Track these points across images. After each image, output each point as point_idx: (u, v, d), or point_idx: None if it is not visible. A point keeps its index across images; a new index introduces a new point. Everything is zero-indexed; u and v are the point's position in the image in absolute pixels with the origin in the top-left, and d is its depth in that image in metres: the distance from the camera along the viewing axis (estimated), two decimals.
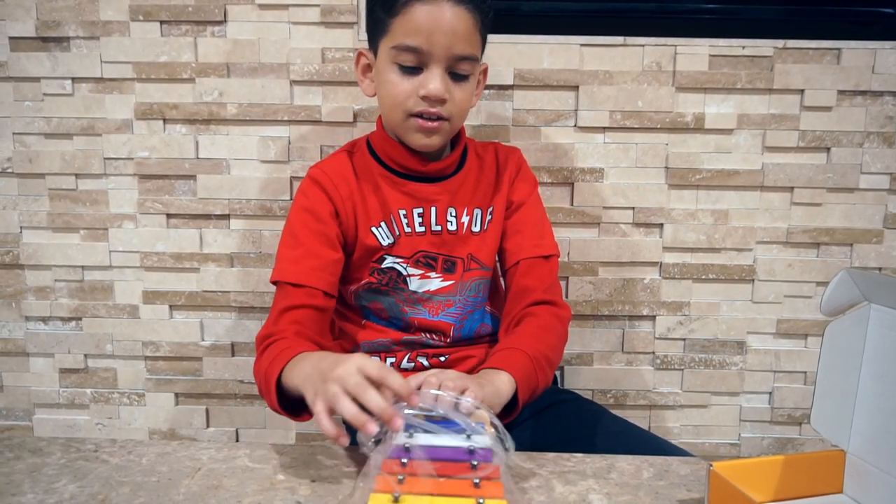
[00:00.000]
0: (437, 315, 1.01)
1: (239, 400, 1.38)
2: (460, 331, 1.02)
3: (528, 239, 1.03)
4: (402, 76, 0.91)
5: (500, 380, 0.80)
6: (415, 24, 0.87)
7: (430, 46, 0.88)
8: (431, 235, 0.99)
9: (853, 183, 1.29)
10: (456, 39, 0.89)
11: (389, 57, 0.91)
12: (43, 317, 1.36)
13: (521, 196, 1.05)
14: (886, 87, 1.26)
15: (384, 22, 0.90)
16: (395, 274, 0.99)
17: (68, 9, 1.25)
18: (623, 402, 1.37)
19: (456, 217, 1.00)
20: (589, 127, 1.29)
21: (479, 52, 0.94)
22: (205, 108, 1.28)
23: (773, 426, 1.38)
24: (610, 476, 0.74)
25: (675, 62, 1.27)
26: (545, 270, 1.01)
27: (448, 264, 1.00)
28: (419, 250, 0.99)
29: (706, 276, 1.33)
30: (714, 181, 1.30)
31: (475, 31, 0.91)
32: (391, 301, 1.00)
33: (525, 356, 0.86)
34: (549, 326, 0.95)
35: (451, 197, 1.00)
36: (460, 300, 1.02)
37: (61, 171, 1.30)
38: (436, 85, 0.89)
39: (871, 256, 1.31)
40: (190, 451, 0.78)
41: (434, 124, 0.92)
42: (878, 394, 0.67)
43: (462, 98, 0.93)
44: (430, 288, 1.00)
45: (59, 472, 0.72)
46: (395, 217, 0.98)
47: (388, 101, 0.93)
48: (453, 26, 0.88)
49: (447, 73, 0.91)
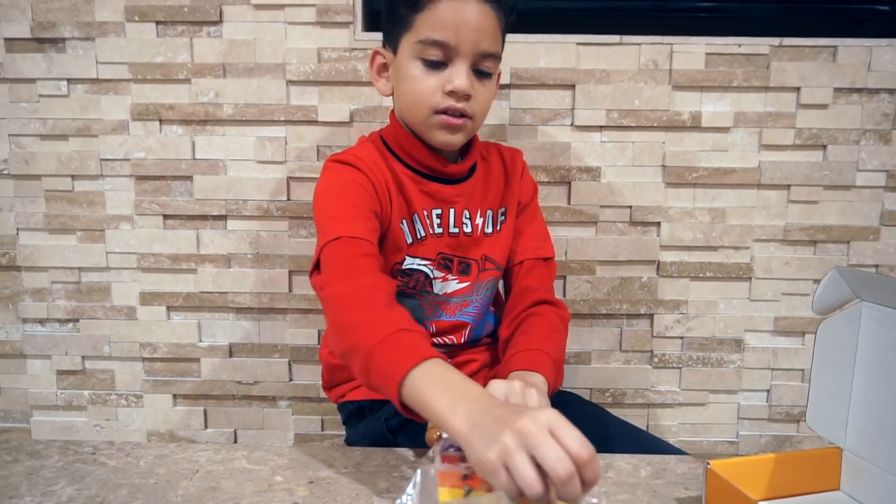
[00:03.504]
0: (455, 315, 1.00)
1: (237, 401, 1.38)
2: (475, 331, 1.03)
3: (532, 240, 1.04)
4: (426, 72, 0.89)
5: (537, 381, 0.81)
6: (441, 19, 0.87)
7: (458, 41, 0.87)
8: (448, 237, 0.98)
9: (850, 180, 1.29)
10: (482, 35, 0.88)
11: (413, 52, 0.89)
12: (40, 318, 1.36)
13: (526, 197, 1.06)
14: (882, 84, 1.26)
15: (407, 18, 0.89)
16: (422, 276, 0.97)
17: (64, 10, 1.25)
18: (621, 400, 1.37)
19: (470, 219, 0.99)
20: (586, 126, 1.29)
21: (500, 50, 0.94)
22: (201, 109, 1.28)
23: (770, 424, 1.38)
24: (608, 475, 0.74)
25: (672, 60, 1.26)
26: (546, 272, 1.03)
27: (463, 266, 0.99)
28: (439, 252, 0.98)
29: (703, 275, 1.33)
30: (711, 179, 1.30)
31: (498, 29, 0.91)
32: (415, 304, 0.98)
33: (549, 358, 0.87)
34: (556, 327, 0.96)
35: (467, 199, 0.99)
36: (477, 299, 1.02)
37: (57, 172, 1.30)
38: (462, 80, 0.87)
39: (868, 254, 1.31)
40: (188, 453, 0.78)
41: (459, 121, 0.90)
42: (872, 391, 0.67)
43: (485, 96, 0.93)
44: (448, 290, 0.99)
45: (57, 474, 0.72)
46: (419, 216, 0.95)
47: (412, 98, 0.91)
48: (480, 22, 0.87)
49: (471, 69, 0.89)
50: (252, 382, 1.36)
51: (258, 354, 1.36)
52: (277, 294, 1.33)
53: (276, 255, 1.32)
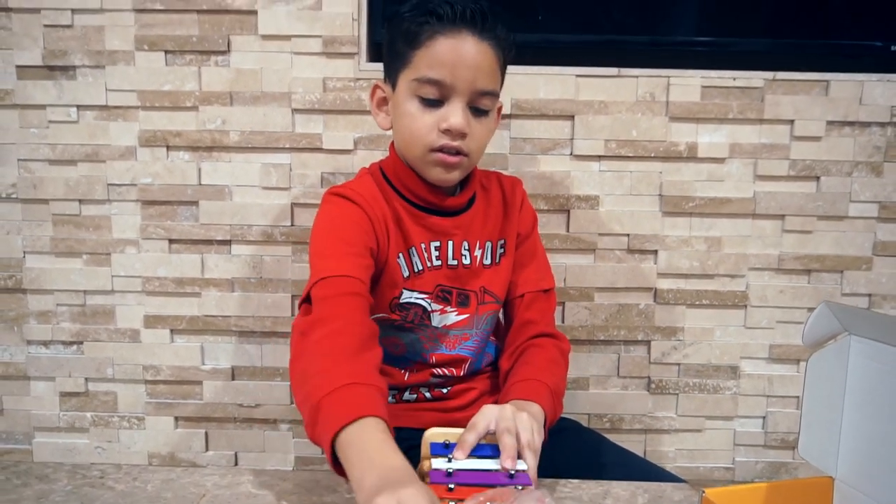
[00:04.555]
0: (455, 349, 1.01)
1: (238, 423, 1.39)
2: (474, 364, 1.04)
3: (533, 272, 1.05)
4: (422, 109, 0.90)
5: (533, 411, 0.82)
6: (438, 57, 0.87)
7: (454, 80, 0.88)
8: (447, 269, 0.98)
9: (843, 211, 1.32)
10: (479, 73, 0.89)
11: (410, 89, 0.90)
12: (44, 341, 1.37)
13: (526, 228, 1.06)
14: (873, 117, 1.30)
15: (406, 54, 0.90)
16: (419, 310, 0.97)
17: (75, 38, 1.28)
18: (619, 426, 1.39)
19: (469, 251, 1.00)
20: (584, 155, 1.32)
21: (499, 87, 0.94)
22: (208, 136, 1.30)
23: (766, 450, 1.39)
24: (605, 502, 0.76)
25: (669, 93, 1.30)
26: (546, 305, 1.04)
27: (462, 297, 1.00)
28: (437, 284, 0.98)
29: (700, 302, 1.35)
30: (707, 209, 1.33)
31: (496, 66, 0.92)
32: (414, 338, 0.99)
33: (546, 388, 0.88)
34: (555, 360, 0.97)
35: (465, 231, 1.00)
36: (476, 333, 1.02)
37: (65, 196, 1.32)
38: (458, 118, 0.88)
39: (862, 283, 1.34)
40: (194, 478, 0.79)
41: (455, 159, 0.91)
42: (862, 422, 0.69)
43: (482, 134, 0.93)
44: (447, 322, 1.00)
45: (66, 498, 0.74)
46: (416, 250, 0.96)
47: (408, 134, 0.92)
48: (477, 61, 0.88)
49: (468, 107, 0.90)
50: (254, 405, 1.38)
51: (260, 378, 1.37)
52: (280, 318, 1.35)
53: (279, 280, 1.34)
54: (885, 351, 0.66)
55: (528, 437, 0.72)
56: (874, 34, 1.32)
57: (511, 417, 0.73)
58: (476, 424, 0.73)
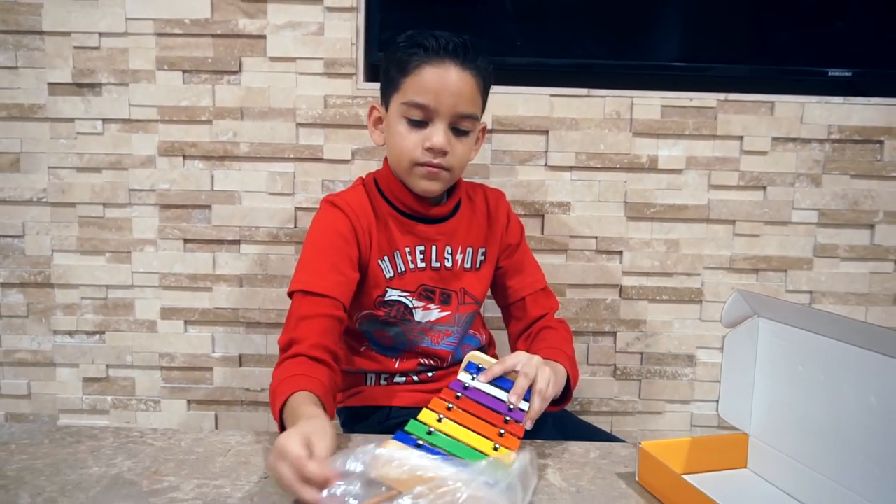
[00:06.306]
0: (438, 344, 1.15)
1: (245, 406, 1.53)
2: (456, 358, 1.18)
3: (528, 276, 1.20)
4: (410, 129, 1.02)
5: (558, 368, 0.99)
6: (424, 84, 0.99)
7: (437, 104, 0.99)
8: (431, 270, 1.12)
9: (786, 217, 1.48)
10: (460, 99, 1.00)
11: (400, 111, 1.03)
12: (70, 331, 1.51)
13: (515, 238, 1.20)
14: (813, 135, 1.46)
15: (397, 80, 1.03)
16: (402, 307, 1.11)
17: (101, 59, 1.42)
18: (588, 408, 1.54)
19: (451, 254, 1.13)
20: (558, 166, 1.47)
21: (479, 111, 1.06)
22: (220, 147, 1.45)
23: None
24: (563, 456, 0.91)
25: (632, 111, 1.45)
26: (546, 301, 1.20)
27: (444, 296, 1.14)
28: (421, 284, 1.12)
29: (660, 298, 1.51)
30: (666, 214, 1.48)
31: (477, 92, 1.04)
32: (398, 331, 1.12)
33: (566, 356, 1.05)
34: (567, 338, 1.14)
35: (448, 237, 1.13)
36: (457, 330, 1.17)
37: (91, 200, 1.46)
38: (439, 138, 1.00)
39: (804, 281, 1.50)
40: (220, 437, 0.94)
41: (436, 170, 1.03)
42: (770, 388, 0.85)
43: (462, 151, 1.05)
44: (431, 318, 1.13)
45: (115, 451, 0.88)
46: (400, 253, 1.09)
47: (397, 151, 1.04)
48: (458, 87, 1.00)
49: (450, 128, 1.02)
50: (259, 390, 1.52)
51: (266, 364, 1.52)
52: (284, 311, 1.46)
53: (284, 276, 1.49)
54: (787, 331, 0.82)
55: (542, 386, 0.88)
56: (815, 61, 1.46)
57: (535, 366, 0.89)
58: (505, 361, 0.90)
